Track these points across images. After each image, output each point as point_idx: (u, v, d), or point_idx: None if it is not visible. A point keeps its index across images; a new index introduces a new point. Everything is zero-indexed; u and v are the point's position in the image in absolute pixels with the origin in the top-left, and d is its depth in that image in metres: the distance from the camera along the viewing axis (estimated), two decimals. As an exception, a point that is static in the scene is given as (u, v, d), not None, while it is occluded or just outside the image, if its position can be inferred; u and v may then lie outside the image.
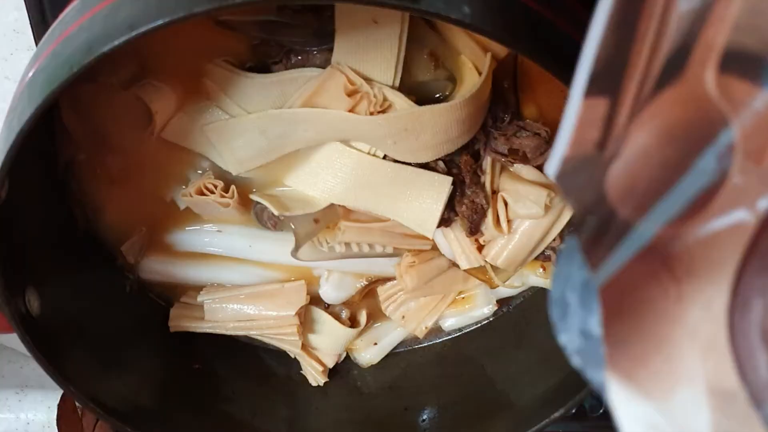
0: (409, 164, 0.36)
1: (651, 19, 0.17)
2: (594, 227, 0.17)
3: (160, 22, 0.25)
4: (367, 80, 0.33)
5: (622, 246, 0.17)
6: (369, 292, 0.44)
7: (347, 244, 0.40)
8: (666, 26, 0.17)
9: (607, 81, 0.17)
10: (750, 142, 0.16)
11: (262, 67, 0.36)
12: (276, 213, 0.37)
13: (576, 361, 0.16)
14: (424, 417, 0.43)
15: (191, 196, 0.38)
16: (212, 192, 0.38)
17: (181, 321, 0.43)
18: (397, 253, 0.41)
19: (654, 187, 0.17)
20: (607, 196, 0.17)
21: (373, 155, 0.36)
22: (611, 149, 0.17)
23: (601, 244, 0.17)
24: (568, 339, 0.17)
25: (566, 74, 0.26)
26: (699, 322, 0.16)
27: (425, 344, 0.46)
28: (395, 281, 0.42)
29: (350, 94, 0.33)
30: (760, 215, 0.16)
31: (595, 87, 0.17)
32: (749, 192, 0.16)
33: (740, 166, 0.16)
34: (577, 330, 0.17)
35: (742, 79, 0.16)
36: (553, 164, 0.18)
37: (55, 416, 0.45)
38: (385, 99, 0.33)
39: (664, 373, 0.16)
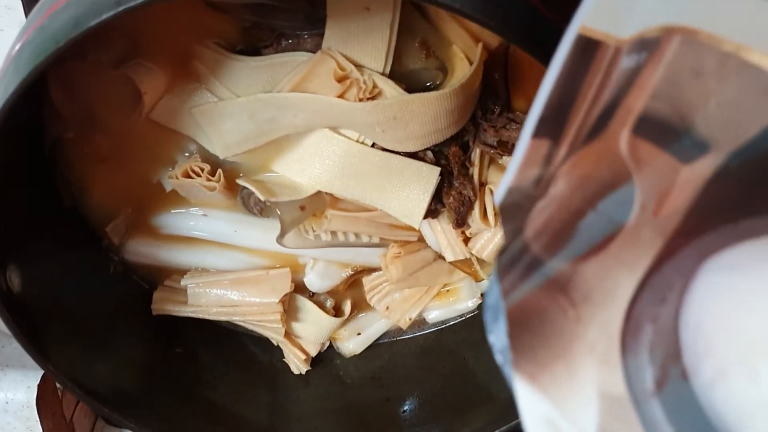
0: (398, 153, 0.36)
1: (597, 73, 0.19)
2: (511, 256, 0.20)
3: (147, -2, 0.25)
4: (358, 67, 0.33)
5: (531, 278, 0.20)
6: (354, 282, 0.44)
7: (333, 233, 0.39)
8: (608, 80, 0.19)
9: (552, 125, 0.20)
10: (648, 197, 0.19)
11: (253, 50, 0.36)
12: (262, 198, 0.37)
13: (498, 358, 0.19)
14: (405, 408, 0.43)
15: (177, 178, 0.38)
16: (199, 175, 0.38)
17: (164, 304, 0.43)
18: (383, 244, 0.41)
19: (562, 230, 0.20)
20: (524, 231, 0.20)
21: (362, 143, 0.36)
22: (542, 188, 0.20)
23: (513, 271, 0.20)
24: (495, 339, 0.20)
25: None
26: (596, 340, 0.20)
27: (409, 336, 0.46)
28: (381, 272, 0.42)
29: (340, 80, 0.33)
30: (652, 257, 0.19)
31: (542, 128, 0.20)
32: (644, 238, 0.19)
33: (637, 216, 0.19)
34: (503, 332, 0.20)
35: (650, 141, 0.19)
36: (499, 192, 0.20)
37: (35, 396, 0.45)
38: (374, 86, 0.33)
39: (563, 378, 0.20)
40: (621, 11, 0.19)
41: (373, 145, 0.36)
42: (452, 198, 0.37)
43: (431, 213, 0.38)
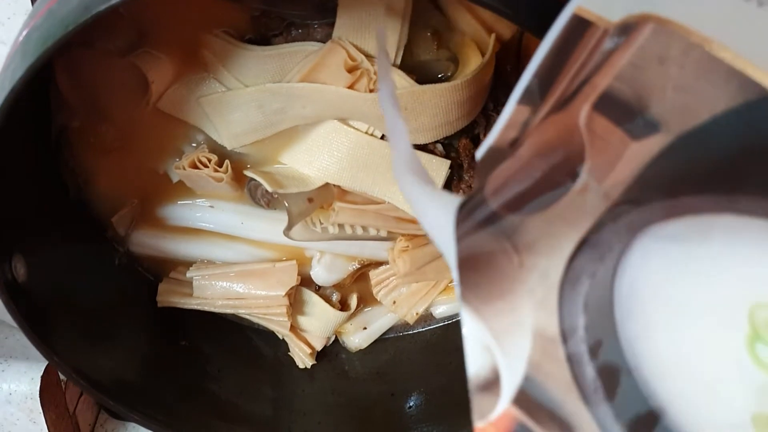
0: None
1: (583, 52, 0.21)
2: (471, 207, 0.22)
3: (158, -18, 0.24)
4: (368, 57, 0.33)
5: (486, 229, 0.22)
6: (361, 275, 0.43)
7: (341, 226, 0.39)
8: (590, 60, 0.21)
9: (534, 94, 0.21)
10: (596, 166, 0.21)
11: (262, 39, 0.35)
12: (270, 190, 0.37)
13: (456, 291, 0.22)
14: (411, 404, 0.43)
15: (184, 168, 0.37)
16: (206, 166, 0.37)
17: (169, 296, 0.42)
18: (390, 237, 0.40)
19: (519, 191, 0.22)
20: (485, 187, 0.22)
21: (371, 135, 0.36)
22: (513, 150, 0.22)
23: (470, 220, 0.22)
24: (455, 276, 0.22)
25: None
26: (536, 285, 0.22)
27: (415, 331, 0.45)
28: (387, 266, 0.42)
29: (350, 71, 0.33)
30: (594, 220, 0.21)
31: (525, 97, 0.21)
32: (588, 202, 0.21)
33: (584, 182, 0.21)
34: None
35: (607, 118, 0.21)
36: (481, 149, 0.22)
37: (38, 388, 0.44)
38: None
39: (503, 314, 0.22)
40: None
41: (382, 137, 0.36)
42: (462, 191, 0.37)
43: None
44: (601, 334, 0.22)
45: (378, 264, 0.42)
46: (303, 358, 0.43)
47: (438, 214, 0.22)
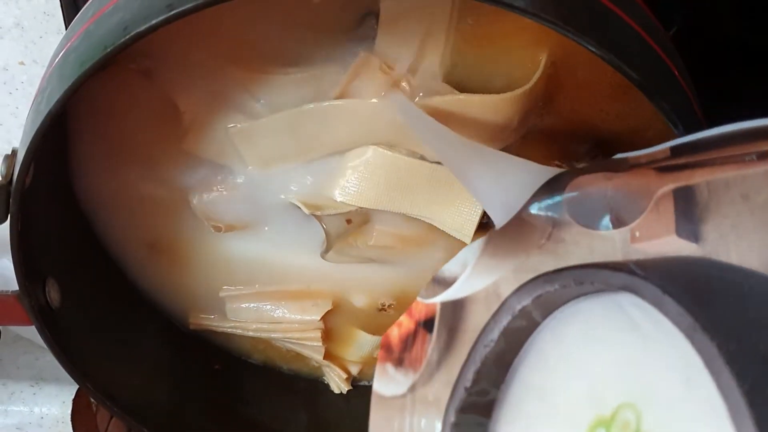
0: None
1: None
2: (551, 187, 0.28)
3: (200, 1, 0.23)
4: (412, 71, 0.32)
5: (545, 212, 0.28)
6: (398, 298, 0.42)
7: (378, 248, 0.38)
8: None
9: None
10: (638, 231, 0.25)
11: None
12: (307, 212, 0.36)
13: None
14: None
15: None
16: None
17: (202, 320, 0.41)
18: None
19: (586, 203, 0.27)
20: (566, 186, 0.28)
21: (409, 157, 0.34)
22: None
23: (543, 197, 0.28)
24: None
25: (632, 69, 0.25)
26: (526, 265, 0.27)
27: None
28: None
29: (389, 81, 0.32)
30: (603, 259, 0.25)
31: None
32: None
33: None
34: None
35: (675, 204, 0.24)
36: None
37: (69, 411, 0.44)
38: (428, 89, 0.32)
39: (494, 263, 0.29)
40: None
41: (421, 157, 0.35)
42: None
43: (483, 227, 0.36)
44: None
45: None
46: (339, 383, 0.42)
47: (520, 178, 0.28)
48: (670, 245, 0.22)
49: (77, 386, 0.43)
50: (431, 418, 0.28)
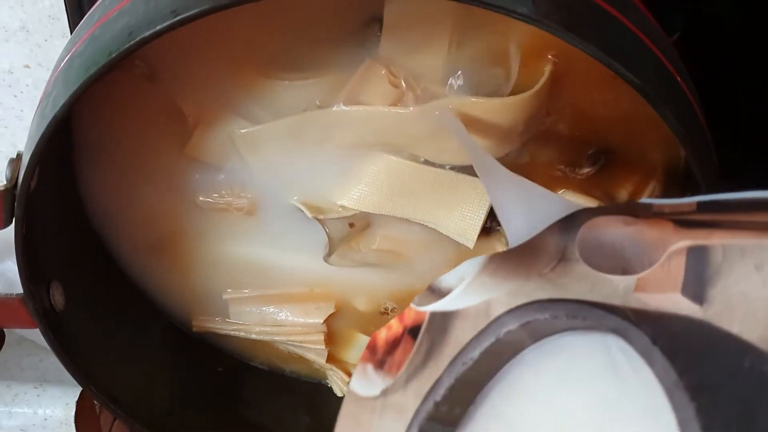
0: (452, 169, 0.34)
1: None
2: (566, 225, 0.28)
3: (205, 7, 0.23)
4: (416, 76, 0.32)
5: (559, 237, 0.28)
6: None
7: (381, 252, 0.38)
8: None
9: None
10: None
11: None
12: (310, 216, 0.36)
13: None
14: None
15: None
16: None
17: (205, 322, 0.41)
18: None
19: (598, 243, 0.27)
20: (583, 224, 0.27)
21: (412, 162, 0.35)
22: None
23: (559, 230, 0.28)
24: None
25: (634, 75, 0.25)
26: (525, 287, 0.28)
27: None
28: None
29: (394, 86, 0.32)
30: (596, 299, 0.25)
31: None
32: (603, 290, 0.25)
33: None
34: None
35: (685, 262, 0.23)
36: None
37: (73, 413, 0.44)
38: (431, 95, 0.32)
39: (495, 282, 0.28)
40: None
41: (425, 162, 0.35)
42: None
43: (486, 231, 0.36)
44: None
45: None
46: (341, 386, 0.42)
47: (545, 207, 0.28)
48: (673, 302, 0.22)
49: (81, 388, 0.43)
50: (396, 425, 0.28)
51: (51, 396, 0.44)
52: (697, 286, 0.21)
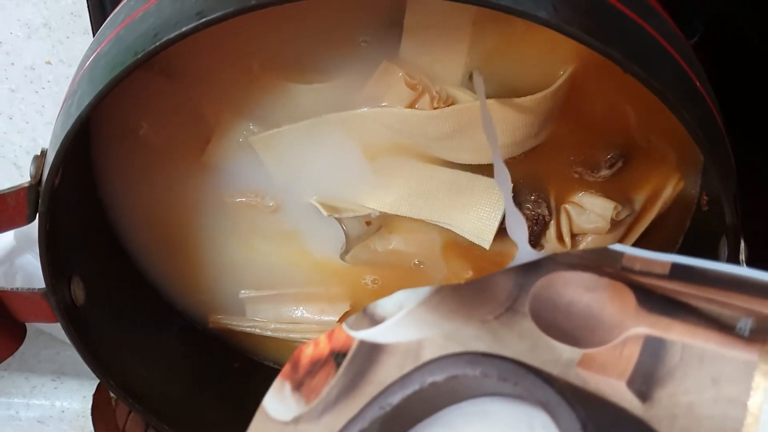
0: (468, 170, 0.35)
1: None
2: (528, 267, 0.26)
3: (231, 9, 0.24)
4: (432, 77, 0.32)
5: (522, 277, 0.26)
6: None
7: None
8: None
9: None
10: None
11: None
12: (326, 214, 0.36)
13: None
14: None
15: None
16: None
17: (221, 318, 0.42)
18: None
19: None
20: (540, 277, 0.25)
21: (429, 163, 0.35)
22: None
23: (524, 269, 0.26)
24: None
25: (653, 79, 0.25)
26: (479, 330, 0.25)
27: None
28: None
29: (411, 88, 0.32)
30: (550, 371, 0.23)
31: None
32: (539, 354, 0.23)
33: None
34: None
35: (658, 313, 0.22)
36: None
37: (90, 406, 0.45)
38: (448, 96, 0.32)
39: (442, 321, 0.26)
40: None
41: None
42: (525, 216, 0.35)
43: (501, 232, 0.36)
44: None
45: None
46: (355, 384, 0.42)
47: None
48: (615, 390, 0.20)
49: (98, 381, 0.44)
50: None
51: (68, 388, 0.45)
52: (645, 381, 0.20)
